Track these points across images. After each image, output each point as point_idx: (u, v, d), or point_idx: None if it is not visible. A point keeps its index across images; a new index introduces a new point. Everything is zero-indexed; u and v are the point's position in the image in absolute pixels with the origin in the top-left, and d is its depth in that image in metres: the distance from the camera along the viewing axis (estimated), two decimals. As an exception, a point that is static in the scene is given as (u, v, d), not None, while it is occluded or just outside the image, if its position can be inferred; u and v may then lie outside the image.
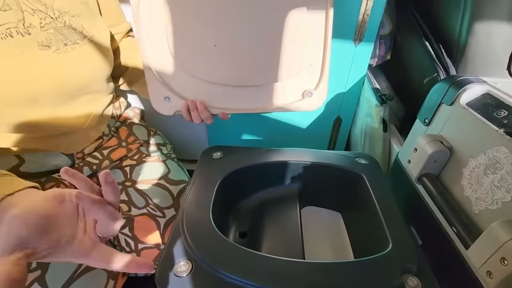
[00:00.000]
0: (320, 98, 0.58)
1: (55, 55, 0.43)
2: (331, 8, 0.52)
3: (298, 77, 0.57)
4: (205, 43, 0.53)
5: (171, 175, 0.59)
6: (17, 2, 0.39)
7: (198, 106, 0.56)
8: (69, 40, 0.44)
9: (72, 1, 0.45)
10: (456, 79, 0.44)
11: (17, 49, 0.39)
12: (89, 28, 0.47)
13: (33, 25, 0.40)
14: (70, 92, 0.46)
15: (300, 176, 0.55)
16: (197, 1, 0.50)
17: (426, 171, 0.45)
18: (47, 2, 0.42)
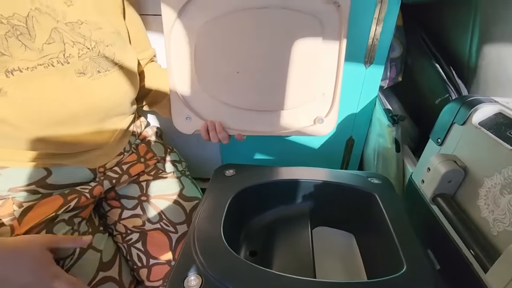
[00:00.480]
0: (330, 125, 0.63)
1: (89, 81, 0.47)
2: (344, 39, 0.56)
3: (311, 105, 0.62)
4: (228, 70, 0.58)
5: (185, 191, 0.60)
6: (60, 35, 0.43)
7: (216, 127, 0.60)
8: (101, 67, 0.49)
9: (107, 32, 0.50)
10: (467, 99, 0.44)
11: (57, 76, 0.43)
12: (120, 56, 0.51)
13: (72, 55, 0.45)
14: (99, 114, 0.50)
15: (311, 195, 0.55)
16: (222, 33, 0.56)
17: (441, 191, 0.44)
18: (86, 34, 0.47)
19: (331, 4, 0.54)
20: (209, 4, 0.54)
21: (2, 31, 0.38)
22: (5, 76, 0.39)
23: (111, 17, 0.53)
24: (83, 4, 0.47)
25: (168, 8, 0.54)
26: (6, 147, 0.44)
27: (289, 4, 0.54)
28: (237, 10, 0.54)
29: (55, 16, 0.43)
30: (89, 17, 0.48)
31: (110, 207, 0.58)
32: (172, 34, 0.56)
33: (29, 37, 0.41)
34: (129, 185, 0.58)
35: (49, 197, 0.47)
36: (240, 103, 0.61)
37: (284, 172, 0.55)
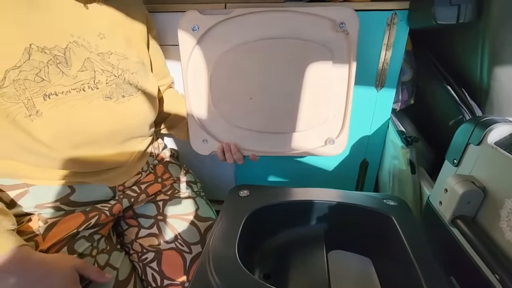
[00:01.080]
0: (341, 146, 0.65)
1: (114, 105, 0.51)
2: (353, 64, 0.58)
3: (322, 126, 0.64)
4: (243, 96, 0.62)
5: (199, 211, 0.61)
6: (92, 64, 0.48)
7: (232, 148, 0.63)
8: (126, 92, 0.53)
9: (132, 62, 0.55)
10: (481, 119, 0.44)
11: (86, 100, 0.47)
12: (142, 83, 0.56)
13: (101, 82, 0.49)
14: (121, 135, 0.54)
15: (326, 217, 0.54)
16: (236, 62, 0.60)
17: (460, 213, 0.43)
18: (114, 63, 0.51)
19: (340, 33, 0.57)
20: (224, 36, 0.58)
21: (45, 60, 0.43)
22: (43, 99, 0.43)
23: (137, 49, 0.58)
24: (113, 38, 0.52)
25: (186, 40, 0.59)
26: (36, 165, 0.47)
27: (300, 34, 0.58)
28: (250, 41, 0.59)
29: (89, 48, 0.49)
30: (117, 49, 0.53)
31: (128, 226, 0.59)
32: (189, 63, 0.60)
33: (66, 65, 0.45)
34: (146, 204, 0.60)
35: (71, 214, 0.49)
36: (254, 126, 0.65)
37: (298, 193, 0.56)
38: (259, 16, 0.57)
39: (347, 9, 0.55)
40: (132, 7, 0.57)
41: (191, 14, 0.57)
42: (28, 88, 0.41)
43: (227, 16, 0.57)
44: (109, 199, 0.55)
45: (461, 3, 0.51)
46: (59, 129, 0.45)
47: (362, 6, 0.64)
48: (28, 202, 0.47)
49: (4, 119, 0.41)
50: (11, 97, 0.40)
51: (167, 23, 0.72)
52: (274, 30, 0.58)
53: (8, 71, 0.40)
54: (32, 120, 0.42)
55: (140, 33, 0.59)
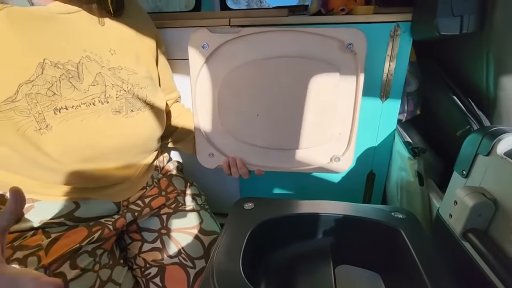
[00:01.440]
0: (347, 163, 0.65)
1: (123, 119, 0.51)
2: (360, 82, 0.59)
3: (328, 144, 0.65)
4: (249, 113, 0.63)
5: (203, 225, 0.60)
6: (103, 79, 0.49)
7: (237, 163, 0.64)
8: (134, 107, 0.53)
9: (142, 76, 0.56)
10: (489, 129, 0.43)
11: (96, 114, 0.48)
12: (151, 97, 0.56)
13: (111, 96, 0.50)
14: (129, 149, 0.54)
15: (332, 230, 0.53)
16: (244, 79, 0.61)
17: (472, 226, 0.41)
18: (124, 78, 0.52)
19: (348, 53, 0.57)
20: (233, 54, 0.60)
21: (57, 74, 0.44)
22: (53, 113, 0.43)
23: (146, 64, 0.59)
24: (124, 54, 0.54)
25: (195, 57, 0.60)
26: (42, 180, 0.48)
27: (307, 53, 0.59)
28: (258, 59, 0.60)
29: (101, 63, 0.50)
30: (128, 64, 0.54)
31: (131, 240, 0.58)
32: (198, 80, 0.62)
33: (78, 80, 0.46)
34: (150, 218, 0.59)
35: (74, 228, 0.49)
36: (260, 142, 0.65)
37: (303, 206, 0.55)
38: (267, 35, 0.58)
39: (355, 30, 0.56)
40: (142, 24, 0.59)
41: (201, 32, 0.58)
42: (40, 102, 0.42)
43: (236, 35, 0.58)
44: (113, 214, 0.55)
45: (463, 14, 0.51)
46: (68, 143, 0.45)
47: (365, 19, 0.64)
48: (33, 218, 0.47)
49: (14, 133, 0.41)
50: (22, 110, 0.41)
51: (175, 39, 0.73)
52: (282, 49, 0.59)
53: (21, 85, 0.41)
54: (41, 134, 0.42)
55: (149, 49, 0.60)
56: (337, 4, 0.73)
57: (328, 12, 0.76)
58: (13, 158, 0.44)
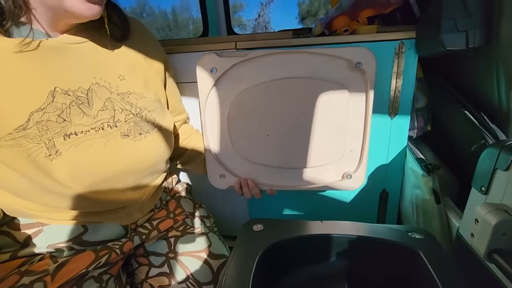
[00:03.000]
0: (359, 180, 0.65)
1: (132, 142, 0.52)
2: (370, 100, 0.59)
3: (339, 161, 0.64)
4: (260, 133, 0.63)
5: (212, 248, 0.59)
6: (112, 104, 0.50)
7: (249, 184, 0.64)
8: (143, 130, 0.54)
9: (150, 100, 0.56)
10: (505, 143, 0.42)
11: (104, 138, 0.48)
12: (159, 120, 0.57)
13: (120, 120, 0.51)
14: (138, 172, 0.54)
15: (346, 252, 0.51)
16: (253, 101, 0.62)
17: (496, 246, 0.39)
18: (132, 102, 0.53)
19: (357, 72, 0.58)
20: (241, 77, 0.61)
21: (68, 101, 0.45)
22: (63, 139, 0.44)
23: (154, 88, 0.60)
24: (133, 79, 0.55)
25: (204, 81, 0.61)
26: (51, 205, 0.48)
27: (316, 74, 0.59)
28: (267, 81, 0.61)
29: (110, 88, 0.51)
30: (136, 89, 0.55)
31: (138, 265, 0.57)
32: (207, 103, 0.63)
33: (88, 106, 0.47)
34: (157, 241, 0.58)
35: (82, 253, 0.48)
36: (271, 162, 0.65)
37: (315, 227, 0.53)
38: (274, 57, 0.59)
39: (363, 49, 0.56)
40: (150, 48, 0.60)
41: (209, 56, 0.60)
42: (50, 128, 0.43)
43: (243, 58, 0.59)
44: (121, 237, 0.54)
45: (468, 30, 0.51)
46: (77, 168, 0.45)
47: (369, 38, 0.65)
48: (41, 242, 0.47)
49: (25, 159, 0.42)
50: (33, 138, 0.42)
51: (184, 63, 0.76)
52: (290, 70, 0.59)
53: (33, 113, 0.42)
54: (51, 159, 0.43)
55: (157, 73, 0.62)
56: (340, 25, 0.74)
57: (331, 33, 0.78)
58: (23, 183, 0.44)
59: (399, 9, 0.69)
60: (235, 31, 1.39)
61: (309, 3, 5.25)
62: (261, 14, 5.46)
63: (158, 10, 5.50)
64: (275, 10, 5.31)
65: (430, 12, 0.59)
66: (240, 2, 4.87)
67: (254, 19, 5.55)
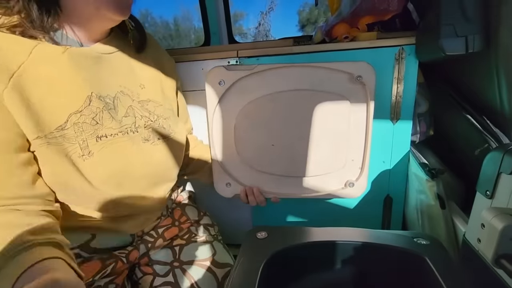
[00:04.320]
0: (361, 188, 0.67)
1: (152, 146, 0.54)
2: (371, 110, 0.61)
3: (342, 170, 0.67)
4: (265, 143, 0.66)
5: (216, 257, 0.58)
6: (133, 111, 0.53)
7: (254, 192, 0.66)
8: (160, 135, 0.56)
9: (166, 108, 0.59)
10: (509, 146, 0.41)
11: (130, 141, 0.51)
12: (173, 127, 0.59)
13: (140, 126, 0.53)
14: (154, 177, 0.56)
15: (351, 259, 0.50)
16: (259, 112, 0.64)
17: (504, 251, 0.38)
18: (151, 109, 0.56)
19: (358, 84, 0.60)
20: (248, 89, 0.63)
21: (101, 106, 0.48)
22: (95, 141, 0.46)
23: (169, 97, 0.63)
24: (151, 88, 0.58)
25: (212, 94, 0.63)
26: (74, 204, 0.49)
27: (318, 86, 0.62)
28: (272, 93, 0.63)
29: (132, 96, 0.53)
30: (154, 97, 0.57)
31: (142, 274, 0.57)
32: (214, 114, 0.65)
33: (114, 111, 0.50)
34: (162, 250, 0.58)
35: (88, 262, 0.48)
36: (276, 171, 0.67)
37: (320, 233, 0.52)
38: (280, 70, 0.62)
39: (363, 64, 0.59)
40: (164, 60, 0.63)
41: (218, 70, 0.62)
42: (85, 130, 0.45)
43: (250, 71, 0.61)
44: (128, 245, 0.54)
45: (467, 35, 0.52)
46: (106, 168, 0.47)
47: (369, 44, 0.66)
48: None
49: (64, 157, 0.44)
50: (70, 138, 0.44)
51: (187, 71, 0.77)
52: (294, 83, 0.62)
53: (71, 115, 0.44)
54: (84, 160, 0.45)
55: (171, 84, 0.64)
56: (341, 32, 0.75)
57: (332, 40, 0.79)
58: (57, 180, 0.46)
59: (398, 15, 0.69)
60: (236, 39, 1.41)
61: (309, 11, 5.31)
62: (261, 23, 5.53)
63: (160, 20, 5.59)
64: (275, 19, 5.38)
65: (429, 18, 0.60)
66: (240, 11, 4.94)
67: (255, 28, 5.62)
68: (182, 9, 5.72)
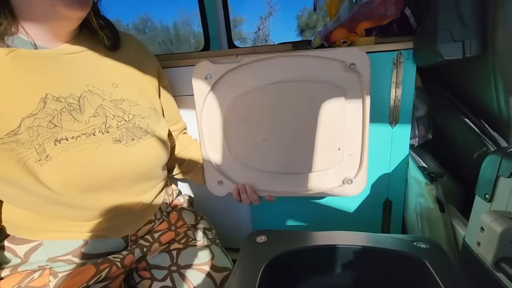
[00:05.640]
0: (360, 185, 0.63)
1: (124, 148, 0.52)
2: (367, 101, 0.59)
3: (339, 166, 0.63)
4: (255, 139, 0.63)
5: (215, 261, 0.58)
6: (104, 110, 0.51)
7: (247, 190, 0.63)
8: (135, 136, 0.54)
9: (144, 107, 0.57)
10: (507, 150, 0.42)
11: (96, 143, 0.49)
12: (153, 126, 0.57)
13: (111, 126, 0.51)
14: (130, 178, 0.54)
15: (351, 263, 0.50)
16: (248, 106, 0.62)
17: (504, 254, 0.38)
18: (126, 109, 0.54)
19: (352, 73, 0.57)
20: (236, 82, 0.61)
21: (59, 108, 0.46)
22: (53, 144, 0.44)
23: (150, 96, 0.61)
24: (126, 87, 0.56)
25: (200, 88, 0.62)
26: (49, 215, 0.48)
27: (310, 77, 0.59)
28: (261, 85, 0.61)
29: (103, 96, 0.52)
30: (130, 96, 0.55)
31: (140, 278, 0.56)
32: (203, 110, 0.63)
33: (79, 112, 0.48)
34: (160, 254, 0.58)
35: (82, 267, 0.47)
36: (269, 167, 0.64)
37: (320, 237, 0.52)
38: (268, 62, 0.59)
39: (355, 50, 0.56)
40: (143, 60, 0.62)
41: (203, 64, 0.61)
42: (41, 134, 0.43)
43: (237, 64, 0.60)
44: (122, 249, 0.54)
45: (464, 39, 0.52)
46: (67, 173, 0.45)
47: (367, 49, 0.66)
48: (40, 256, 0.47)
49: (15, 163, 0.42)
50: (24, 143, 0.42)
51: (186, 76, 0.76)
52: (284, 74, 0.59)
53: (24, 119, 0.42)
54: (41, 164, 0.43)
55: (151, 83, 0.62)
56: (339, 37, 0.76)
57: (330, 45, 0.80)
58: (18, 193, 0.44)
59: (395, 20, 0.70)
60: (235, 44, 1.42)
61: (308, 16, 5.34)
62: (260, 28, 5.56)
63: (160, 25, 5.61)
64: (274, 23, 5.42)
65: (427, 23, 0.60)
66: (240, 16, 4.97)
67: (254, 32, 5.65)
68: (182, 14, 5.74)
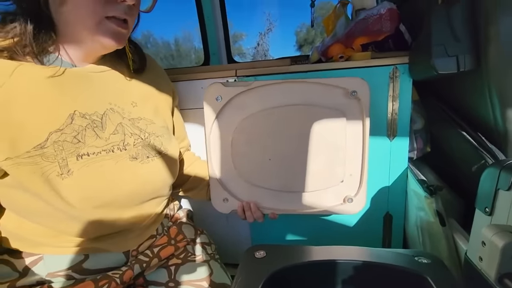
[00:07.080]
0: (360, 204, 0.66)
1: (140, 165, 0.53)
2: (367, 124, 0.61)
3: (340, 185, 0.66)
4: (262, 158, 0.66)
5: (213, 277, 0.57)
6: (123, 128, 0.53)
7: (251, 207, 0.65)
8: (150, 154, 0.56)
9: (158, 126, 0.59)
10: (505, 163, 0.42)
11: (114, 160, 0.50)
12: (166, 145, 0.59)
13: (129, 144, 0.53)
14: (143, 194, 0.55)
15: (351, 278, 0.49)
16: (255, 127, 0.65)
17: (507, 270, 0.38)
18: (142, 127, 0.56)
19: (353, 99, 0.61)
20: (244, 104, 0.64)
21: (84, 124, 0.48)
22: (75, 159, 0.46)
23: (163, 115, 0.63)
24: (144, 106, 0.58)
25: (210, 109, 0.64)
26: (55, 229, 0.48)
27: (314, 101, 0.62)
28: (268, 108, 0.64)
29: (123, 114, 0.54)
30: (146, 115, 0.57)
31: (137, 295, 0.55)
32: (212, 129, 0.65)
33: (101, 129, 0.50)
34: (157, 270, 0.57)
35: (81, 283, 0.47)
36: (273, 186, 0.67)
37: (319, 252, 0.51)
38: (276, 86, 0.63)
39: (357, 79, 0.60)
40: (161, 80, 0.65)
41: (215, 86, 0.63)
42: (65, 149, 0.45)
43: (247, 87, 0.63)
44: (122, 265, 0.53)
45: (458, 54, 0.54)
46: (86, 187, 0.46)
47: (364, 64, 0.68)
48: (40, 270, 0.46)
49: (39, 177, 0.43)
50: (49, 156, 0.43)
51: (187, 90, 0.79)
52: (290, 98, 0.63)
53: (51, 134, 0.44)
54: (62, 178, 0.44)
55: (166, 102, 0.65)
56: (336, 52, 0.77)
57: (328, 60, 0.81)
58: (34, 203, 0.45)
59: (391, 36, 0.72)
60: (235, 59, 1.45)
61: (306, 31, 5.46)
62: (260, 43, 5.68)
63: (161, 41, 5.74)
64: (273, 39, 5.54)
65: (421, 39, 0.62)
66: (240, 31, 5.09)
67: (254, 48, 5.77)
68: (183, 30, 5.89)
